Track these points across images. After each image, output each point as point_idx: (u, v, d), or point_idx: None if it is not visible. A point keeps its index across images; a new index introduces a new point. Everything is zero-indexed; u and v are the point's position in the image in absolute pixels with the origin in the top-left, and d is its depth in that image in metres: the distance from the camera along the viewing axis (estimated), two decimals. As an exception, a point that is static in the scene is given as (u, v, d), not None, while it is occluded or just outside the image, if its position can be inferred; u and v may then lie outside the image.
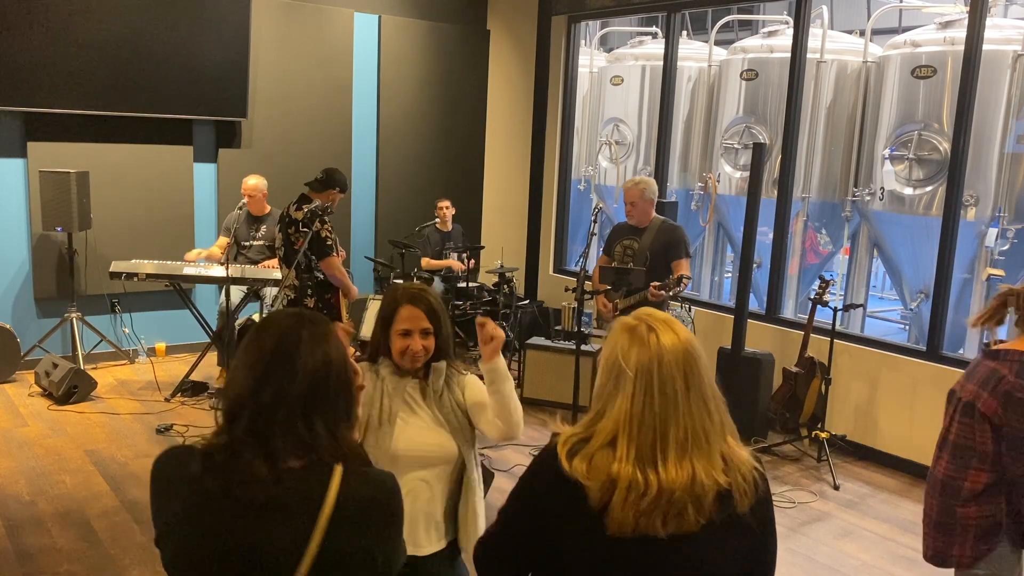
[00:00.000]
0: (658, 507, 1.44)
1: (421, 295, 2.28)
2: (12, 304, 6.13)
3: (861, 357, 5.31)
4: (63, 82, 5.89)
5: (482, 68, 8.12)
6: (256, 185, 6.02)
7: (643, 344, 1.51)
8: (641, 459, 1.46)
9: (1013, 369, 2.38)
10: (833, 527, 4.33)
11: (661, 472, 1.45)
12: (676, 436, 1.47)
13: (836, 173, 6.43)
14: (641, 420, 1.48)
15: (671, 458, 1.46)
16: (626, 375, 1.50)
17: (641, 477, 1.44)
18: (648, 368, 1.49)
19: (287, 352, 1.41)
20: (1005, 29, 5.40)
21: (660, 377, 1.48)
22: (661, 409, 1.48)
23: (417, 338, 2.25)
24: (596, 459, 1.48)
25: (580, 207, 8.34)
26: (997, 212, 5.45)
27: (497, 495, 4.56)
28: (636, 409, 1.48)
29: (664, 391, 1.48)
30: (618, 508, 1.44)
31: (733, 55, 6.89)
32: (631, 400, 1.49)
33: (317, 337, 1.44)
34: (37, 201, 5.89)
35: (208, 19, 6.35)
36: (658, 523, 1.44)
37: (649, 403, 1.48)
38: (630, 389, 1.49)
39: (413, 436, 2.26)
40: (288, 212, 4.89)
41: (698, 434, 1.48)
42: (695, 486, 1.45)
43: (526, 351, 6.05)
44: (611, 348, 1.55)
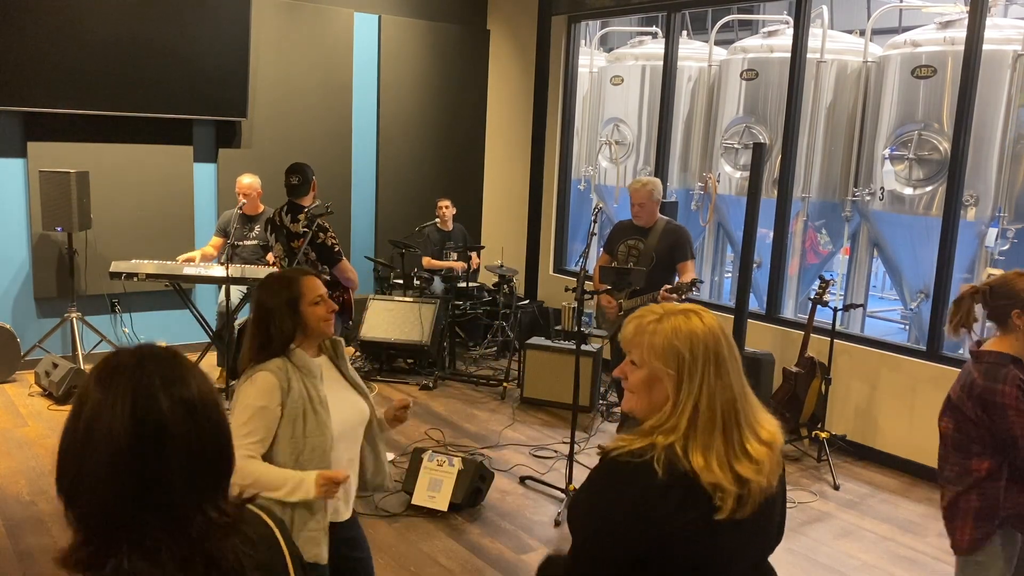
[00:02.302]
0: (752, 490, 1.45)
1: (304, 268, 2.64)
2: (12, 304, 6.13)
3: (861, 357, 5.31)
4: (63, 82, 5.89)
5: (482, 68, 8.12)
6: (250, 184, 6.01)
7: (712, 332, 1.51)
8: (754, 436, 1.49)
9: (981, 371, 2.45)
10: (833, 527, 4.33)
11: (754, 445, 1.48)
12: (744, 410, 1.50)
13: (836, 173, 6.43)
14: (744, 400, 1.50)
15: (749, 438, 1.49)
16: (726, 361, 1.50)
17: (760, 450, 1.47)
18: (728, 351, 1.51)
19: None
20: (1005, 29, 5.40)
21: (736, 354, 1.52)
22: (742, 386, 1.51)
23: (328, 301, 2.42)
24: (690, 454, 1.44)
25: (580, 207, 8.34)
26: (997, 212, 5.45)
27: (496, 494, 4.58)
28: (737, 392, 1.50)
29: (739, 367, 1.52)
30: (748, 490, 1.45)
31: (733, 55, 6.88)
32: (731, 382, 1.50)
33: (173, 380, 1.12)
34: (37, 201, 5.89)
35: (208, 19, 6.35)
36: (763, 493, 1.48)
37: (740, 383, 1.51)
38: (728, 368, 1.50)
39: (342, 411, 2.41)
40: (282, 223, 4.80)
41: (753, 402, 1.53)
42: (774, 452, 1.49)
43: (526, 351, 6.05)
44: (692, 341, 1.50)
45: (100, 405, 1.06)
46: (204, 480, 1.10)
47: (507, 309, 6.92)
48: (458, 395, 6.21)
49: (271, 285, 2.38)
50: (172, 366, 1.11)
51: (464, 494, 4.23)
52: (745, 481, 1.44)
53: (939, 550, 4.12)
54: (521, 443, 5.30)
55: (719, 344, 1.50)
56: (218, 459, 1.12)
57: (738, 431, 1.48)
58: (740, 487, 1.44)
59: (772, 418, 1.58)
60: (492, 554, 3.90)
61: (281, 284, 2.37)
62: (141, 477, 1.05)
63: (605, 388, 6.16)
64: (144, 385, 1.08)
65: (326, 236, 4.66)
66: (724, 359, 1.50)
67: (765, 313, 5.94)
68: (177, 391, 1.09)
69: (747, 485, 1.44)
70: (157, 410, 1.07)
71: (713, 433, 1.46)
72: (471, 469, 4.28)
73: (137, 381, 1.08)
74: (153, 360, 1.11)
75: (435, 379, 6.37)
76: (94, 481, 1.05)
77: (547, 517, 4.30)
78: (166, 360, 1.12)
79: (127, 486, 1.05)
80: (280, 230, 4.85)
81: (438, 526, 4.12)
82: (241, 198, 5.92)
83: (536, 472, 4.79)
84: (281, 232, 4.84)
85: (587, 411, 5.83)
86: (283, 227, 4.82)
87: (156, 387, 1.08)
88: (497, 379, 6.45)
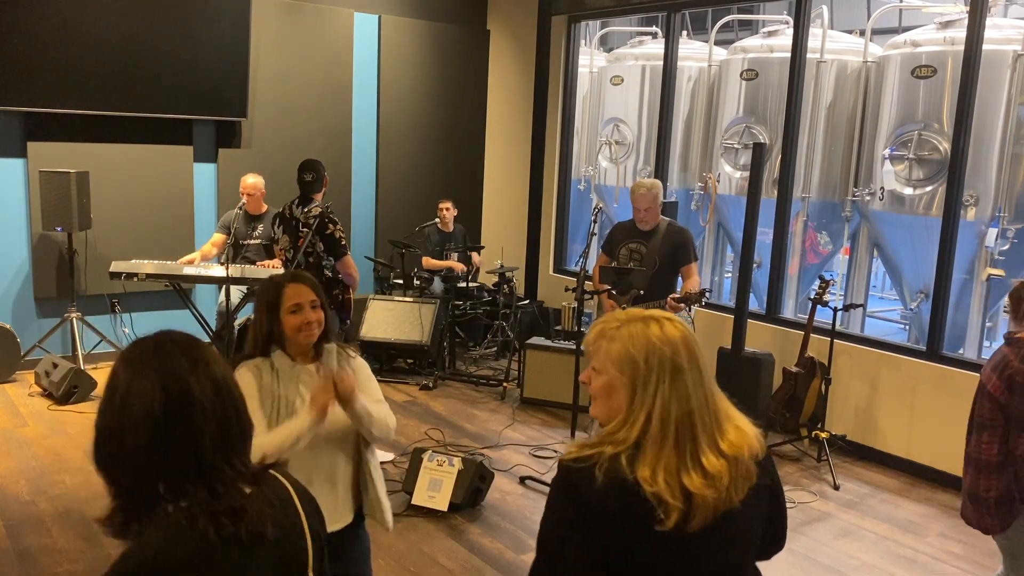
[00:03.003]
0: (705, 501, 1.42)
1: (298, 273, 2.42)
2: (12, 304, 6.13)
3: (861, 357, 5.31)
4: (63, 82, 5.89)
5: (482, 68, 8.12)
6: (255, 184, 6.02)
7: (656, 335, 1.49)
8: (711, 448, 1.46)
9: (1019, 355, 2.59)
10: (833, 527, 4.33)
11: (711, 459, 1.45)
12: (703, 422, 1.46)
13: (836, 173, 6.43)
14: (703, 411, 1.47)
15: (728, 433, 1.47)
16: (682, 368, 1.48)
17: (717, 463, 1.44)
18: (687, 359, 1.49)
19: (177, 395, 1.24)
20: (1005, 29, 5.40)
21: (701, 364, 1.50)
22: (708, 396, 1.48)
23: (308, 310, 2.34)
24: (637, 464, 1.43)
25: (580, 207, 8.34)
26: (997, 212, 5.45)
27: (496, 495, 4.58)
28: (699, 402, 1.47)
29: (705, 377, 1.50)
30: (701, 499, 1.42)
31: (733, 55, 6.88)
32: (689, 392, 1.47)
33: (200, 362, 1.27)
34: (37, 201, 5.89)
35: (208, 19, 6.35)
36: (721, 500, 1.44)
37: (700, 393, 1.47)
38: (687, 380, 1.47)
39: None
40: (292, 213, 4.87)
41: (716, 413, 1.49)
42: (739, 462, 1.46)
43: (526, 351, 6.05)
44: (651, 350, 1.49)
45: (133, 385, 1.20)
46: (228, 444, 1.24)
47: (507, 309, 6.92)
48: (458, 395, 6.21)
49: (263, 286, 2.42)
50: (192, 348, 1.26)
51: (464, 494, 4.23)
52: (691, 495, 1.41)
53: (939, 550, 4.12)
54: (521, 443, 5.30)
55: (677, 354, 1.47)
56: (240, 424, 1.27)
57: (693, 444, 1.44)
58: (685, 502, 1.40)
59: (747, 427, 1.54)
60: (492, 554, 3.90)
61: (267, 287, 2.40)
62: (175, 445, 1.19)
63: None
64: (171, 365, 1.22)
65: (335, 228, 4.73)
66: (682, 370, 1.46)
67: (765, 313, 5.94)
68: (201, 370, 1.23)
69: (693, 499, 1.41)
70: (186, 385, 1.21)
71: (663, 445, 1.43)
72: (471, 469, 4.28)
73: (162, 362, 1.22)
74: (174, 344, 1.26)
75: (435, 379, 6.37)
76: (133, 450, 1.19)
77: (547, 517, 4.29)
78: (186, 343, 1.27)
79: (163, 453, 1.19)
80: (288, 221, 4.90)
81: (438, 526, 4.12)
82: (244, 197, 5.94)
83: (536, 472, 4.79)
84: (289, 223, 4.89)
85: (587, 411, 5.81)
86: (292, 218, 4.87)
87: (183, 366, 1.22)
88: (497, 379, 6.45)
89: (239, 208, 5.99)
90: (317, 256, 4.77)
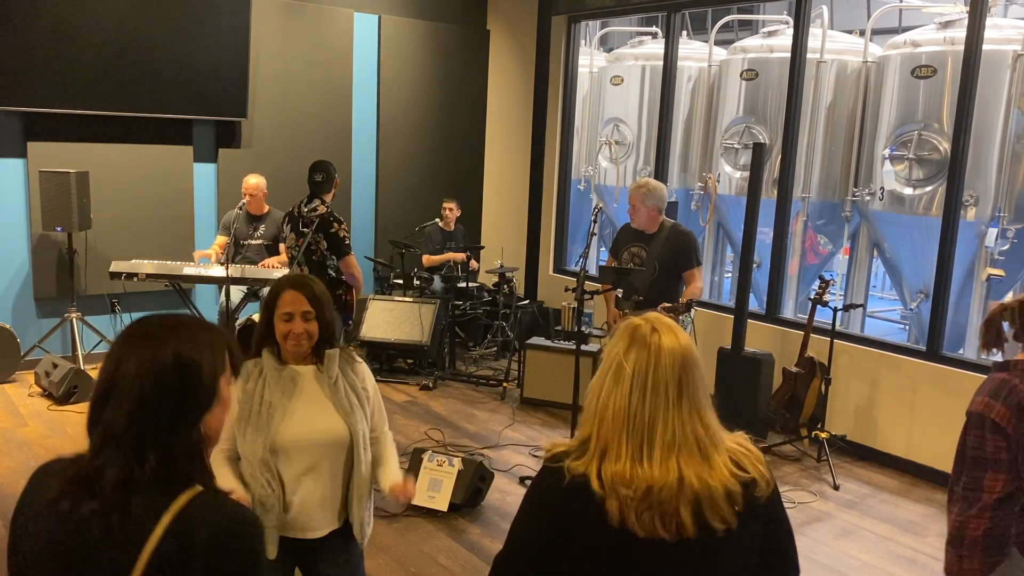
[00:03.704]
0: (651, 506, 1.43)
1: (303, 280, 2.36)
2: (12, 304, 6.13)
3: (861, 357, 5.31)
4: (63, 82, 5.89)
5: (482, 68, 8.12)
6: (257, 184, 6.03)
7: (644, 344, 1.52)
8: (632, 456, 1.47)
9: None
10: (833, 527, 4.33)
11: (647, 467, 1.45)
12: (663, 437, 1.48)
13: (836, 173, 6.43)
14: (633, 416, 1.49)
15: (656, 457, 1.47)
16: (624, 373, 1.51)
17: (633, 472, 1.45)
18: (645, 368, 1.50)
19: (112, 361, 1.32)
20: (1005, 29, 5.40)
21: (655, 378, 1.50)
22: (652, 407, 1.48)
23: (299, 321, 2.30)
24: (602, 468, 1.48)
25: (580, 207, 8.34)
26: (997, 212, 5.45)
27: (497, 495, 4.58)
28: (633, 405, 1.49)
29: (656, 389, 1.49)
30: (617, 507, 1.44)
31: (733, 55, 6.88)
32: (627, 398, 1.49)
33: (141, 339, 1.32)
34: (37, 201, 5.89)
35: (208, 19, 6.35)
36: (657, 525, 1.43)
37: (641, 402, 1.49)
38: (626, 387, 1.50)
39: (298, 424, 2.32)
40: (299, 212, 4.91)
41: (688, 439, 1.48)
42: (684, 489, 1.44)
43: (526, 351, 6.05)
44: (613, 346, 1.57)
45: (121, 359, 1.31)
46: (183, 416, 1.31)
47: (507, 309, 6.92)
48: (458, 395, 6.21)
49: (276, 281, 2.43)
50: (142, 325, 1.36)
51: (464, 494, 4.23)
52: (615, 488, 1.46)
53: (939, 550, 4.11)
54: (521, 443, 5.30)
55: (661, 368, 1.50)
56: (193, 403, 1.32)
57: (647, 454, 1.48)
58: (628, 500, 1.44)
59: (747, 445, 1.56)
60: (492, 554, 3.88)
61: (275, 284, 2.39)
62: (149, 411, 1.29)
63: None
64: (156, 344, 1.32)
65: (339, 227, 4.78)
66: (659, 383, 1.49)
67: (765, 313, 5.94)
68: (134, 347, 1.32)
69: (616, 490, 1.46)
70: (163, 363, 1.30)
71: (623, 447, 1.48)
72: (471, 469, 4.28)
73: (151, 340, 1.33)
74: (163, 326, 1.36)
75: (435, 379, 6.37)
76: (116, 412, 1.29)
77: (547, 517, 4.29)
78: (148, 323, 1.37)
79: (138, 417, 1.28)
80: (296, 220, 4.93)
81: (438, 526, 4.12)
82: (246, 197, 5.95)
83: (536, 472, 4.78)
84: (297, 222, 4.92)
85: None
86: (299, 217, 4.90)
87: (167, 346, 1.32)
88: (497, 379, 6.45)
89: (239, 208, 5.99)
90: (321, 255, 4.80)
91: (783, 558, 1.60)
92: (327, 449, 2.34)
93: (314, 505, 2.35)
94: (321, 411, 2.36)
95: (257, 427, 2.30)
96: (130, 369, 1.29)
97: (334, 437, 2.35)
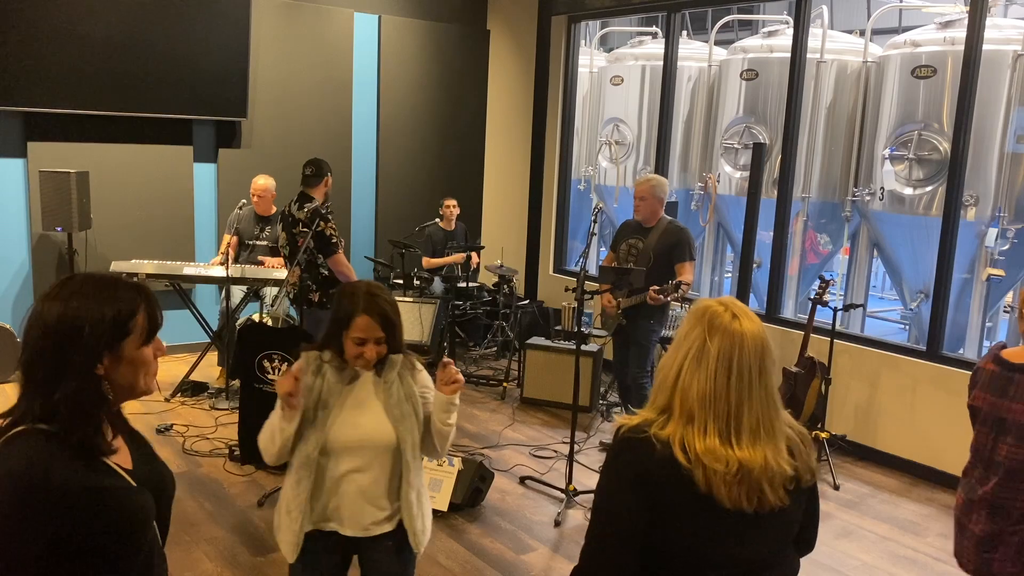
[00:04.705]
0: (742, 482, 1.53)
1: (377, 305, 2.30)
2: (12, 304, 6.13)
3: (861, 357, 5.31)
4: (63, 82, 5.89)
5: (482, 68, 8.12)
6: (265, 185, 6.05)
7: (727, 330, 1.59)
8: (720, 435, 1.55)
9: None
10: (833, 527, 4.33)
11: (737, 450, 1.54)
12: (749, 420, 1.56)
13: (836, 173, 6.43)
14: (719, 399, 1.55)
15: (744, 439, 1.55)
16: (709, 354, 1.57)
17: (724, 451, 1.54)
18: (730, 350, 1.57)
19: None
20: (1005, 29, 5.40)
21: (740, 361, 1.57)
22: (737, 391, 1.56)
23: (371, 346, 2.30)
24: (687, 439, 1.55)
25: (580, 207, 8.34)
26: (997, 212, 5.45)
27: (496, 495, 4.58)
28: (718, 388, 1.55)
29: (741, 374, 1.56)
30: (704, 476, 1.53)
31: (733, 55, 6.88)
32: (714, 378, 1.56)
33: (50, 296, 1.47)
34: (37, 201, 5.89)
35: (208, 19, 6.35)
36: (743, 498, 1.53)
37: (726, 384, 1.56)
38: (712, 367, 1.57)
39: (348, 423, 2.34)
40: (290, 212, 4.92)
41: (767, 423, 1.58)
42: (767, 469, 1.55)
43: (526, 351, 6.05)
44: (691, 328, 1.62)
45: (32, 314, 1.47)
46: (62, 370, 1.42)
47: (507, 309, 6.92)
48: (458, 395, 6.20)
49: (345, 293, 2.36)
50: (78, 289, 1.47)
51: (464, 494, 4.23)
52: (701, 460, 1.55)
53: (939, 550, 4.12)
54: (521, 443, 5.30)
55: (746, 352, 1.58)
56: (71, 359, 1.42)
57: (735, 436, 1.56)
58: (724, 476, 1.53)
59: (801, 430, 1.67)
60: (492, 554, 3.90)
61: (346, 300, 2.33)
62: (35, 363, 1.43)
63: (605, 388, 6.16)
64: (51, 303, 1.45)
65: (326, 226, 4.76)
66: (743, 366, 1.57)
67: (765, 313, 5.94)
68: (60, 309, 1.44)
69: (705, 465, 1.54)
70: (47, 322, 1.43)
71: (708, 423, 1.56)
72: (471, 469, 4.28)
73: (50, 299, 1.45)
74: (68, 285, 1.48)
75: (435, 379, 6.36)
76: (30, 355, 1.44)
77: (547, 517, 4.29)
78: (78, 287, 1.47)
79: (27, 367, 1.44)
80: (287, 219, 4.94)
81: (438, 526, 4.12)
82: (255, 198, 5.96)
83: (536, 472, 4.79)
84: (287, 221, 4.91)
85: (587, 411, 5.83)
86: (288, 215, 4.92)
87: (56, 306, 1.44)
88: (497, 379, 6.45)
89: (239, 208, 6.00)
90: (312, 253, 4.78)
91: (811, 530, 1.77)
92: (375, 452, 2.34)
93: (361, 501, 2.36)
94: (372, 415, 2.36)
95: (313, 425, 2.31)
96: (31, 324, 1.44)
97: (380, 439, 2.34)
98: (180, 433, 5.13)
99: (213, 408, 5.57)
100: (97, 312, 1.44)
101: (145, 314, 1.50)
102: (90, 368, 1.43)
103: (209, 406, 5.60)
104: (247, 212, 6.10)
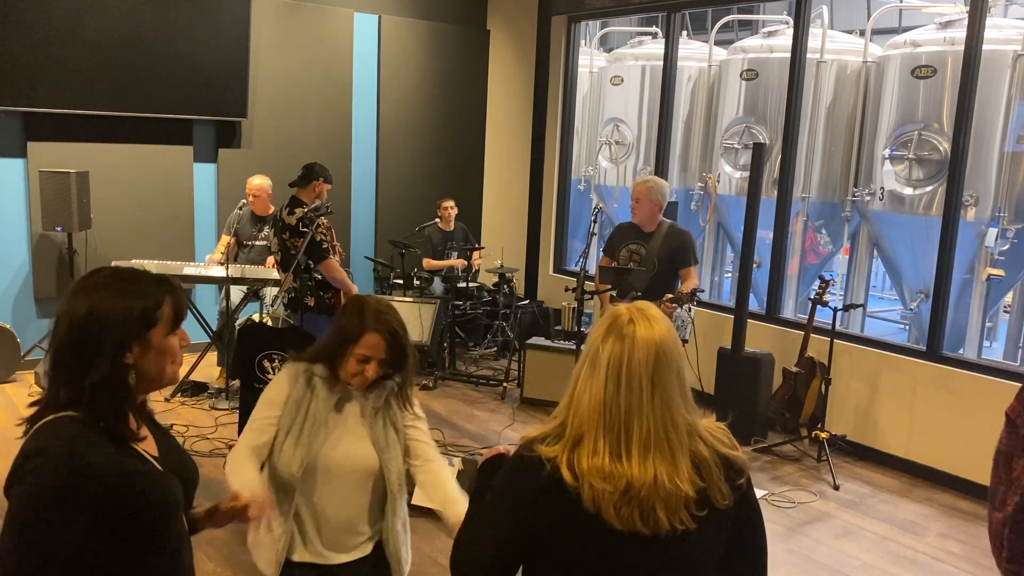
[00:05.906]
0: (630, 501, 1.43)
1: (388, 324, 2.22)
2: (12, 304, 6.13)
3: (861, 357, 5.31)
4: (63, 82, 5.89)
5: (482, 68, 8.12)
6: (260, 185, 6.04)
7: (620, 334, 1.50)
8: (611, 450, 1.46)
9: None
10: (833, 527, 4.33)
11: (626, 466, 1.44)
12: (639, 433, 1.46)
13: (836, 173, 6.43)
14: (608, 409, 1.47)
15: (634, 455, 1.45)
16: (600, 362, 1.49)
17: (612, 468, 1.44)
18: (620, 357, 1.48)
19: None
20: (1005, 29, 5.40)
21: (628, 369, 1.47)
22: (627, 401, 1.46)
23: (374, 365, 2.22)
24: (576, 457, 1.46)
25: (580, 207, 8.34)
26: (997, 212, 5.45)
27: (497, 495, 4.54)
28: (608, 397, 1.47)
29: (631, 384, 1.46)
30: (591, 496, 1.43)
31: (733, 55, 6.88)
32: (603, 389, 1.47)
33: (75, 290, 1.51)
34: (37, 201, 5.89)
35: (208, 19, 6.35)
36: (636, 520, 1.43)
37: (616, 393, 1.46)
38: (602, 377, 1.48)
39: (335, 445, 2.27)
40: (281, 217, 4.87)
41: (660, 437, 1.46)
42: (660, 488, 1.43)
43: (526, 351, 6.05)
44: (593, 332, 1.55)
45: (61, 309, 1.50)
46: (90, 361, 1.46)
47: (507, 309, 6.92)
48: (458, 395, 6.21)
49: (352, 306, 2.29)
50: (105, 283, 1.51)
51: (464, 494, 4.23)
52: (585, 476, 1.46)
53: (939, 550, 4.12)
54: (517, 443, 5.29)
55: (634, 360, 1.47)
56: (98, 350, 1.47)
57: (626, 450, 1.46)
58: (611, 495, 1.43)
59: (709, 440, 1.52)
60: (492, 554, 3.89)
61: (354, 314, 2.25)
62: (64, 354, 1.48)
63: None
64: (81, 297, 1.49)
65: (316, 231, 4.68)
66: (632, 376, 1.47)
67: (765, 313, 5.94)
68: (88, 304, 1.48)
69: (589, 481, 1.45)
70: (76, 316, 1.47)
71: (598, 439, 1.46)
72: (471, 469, 4.28)
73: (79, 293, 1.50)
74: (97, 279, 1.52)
75: (435, 379, 6.37)
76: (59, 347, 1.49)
77: (547, 517, 4.29)
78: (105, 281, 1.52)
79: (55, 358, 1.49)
80: (278, 224, 4.91)
81: (438, 526, 4.11)
82: (250, 198, 5.95)
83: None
84: (279, 225, 4.88)
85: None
86: (280, 220, 4.88)
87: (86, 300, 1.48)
88: (497, 379, 6.46)
89: (239, 208, 5.99)
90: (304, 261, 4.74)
91: (748, 558, 1.61)
92: (358, 476, 2.28)
93: (340, 527, 2.29)
94: (357, 440, 2.29)
95: (297, 441, 2.23)
96: (60, 318, 1.48)
97: (365, 467, 2.28)
98: (180, 433, 5.13)
99: (213, 408, 5.57)
100: (126, 302, 1.48)
101: (171, 304, 1.55)
102: (119, 356, 1.47)
103: (209, 406, 5.60)
104: (246, 212, 6.11)
